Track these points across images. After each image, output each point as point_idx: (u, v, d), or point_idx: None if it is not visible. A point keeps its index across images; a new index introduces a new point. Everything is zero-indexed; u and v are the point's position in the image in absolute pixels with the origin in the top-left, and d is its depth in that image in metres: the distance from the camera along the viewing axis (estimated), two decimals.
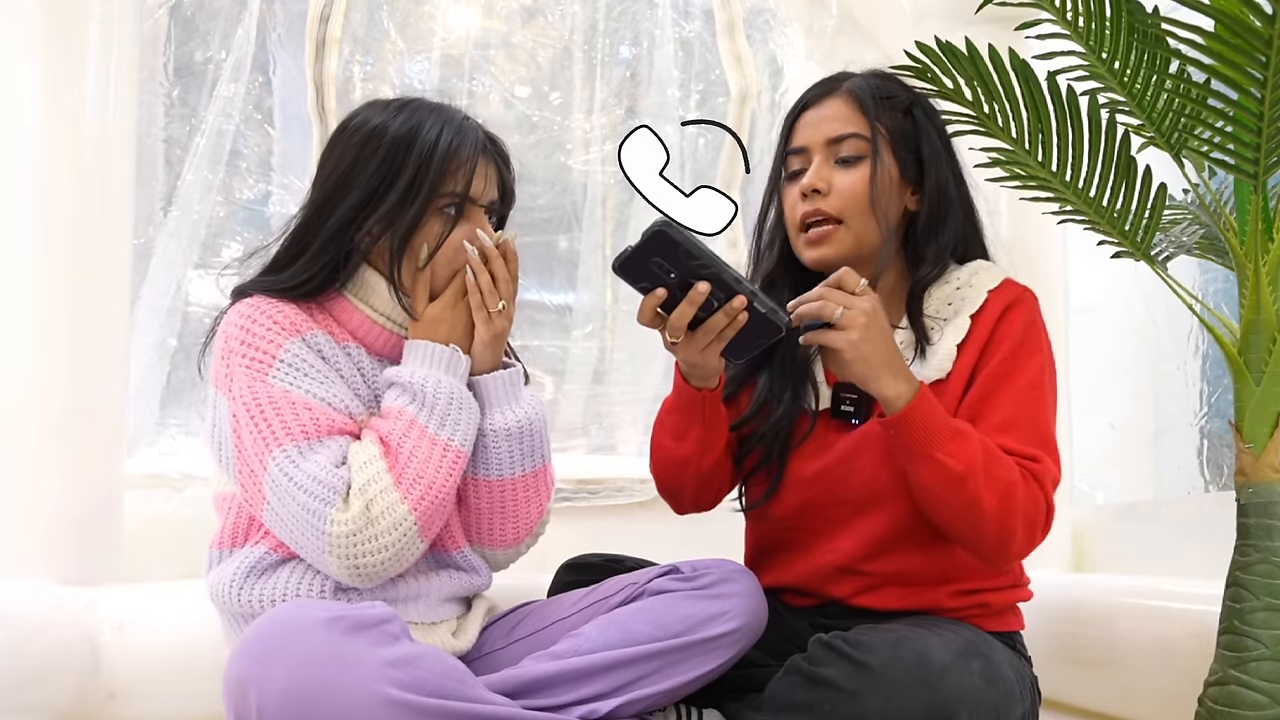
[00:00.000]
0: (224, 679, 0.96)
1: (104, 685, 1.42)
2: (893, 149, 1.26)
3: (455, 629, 1.25)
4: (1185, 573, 1.60)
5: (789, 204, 1.28)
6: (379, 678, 0.93)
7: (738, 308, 1.07)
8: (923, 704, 1.00)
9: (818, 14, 2.40)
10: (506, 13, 2.43)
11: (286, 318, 1.15)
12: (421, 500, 1.11)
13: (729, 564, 1.21)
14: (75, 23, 1.56)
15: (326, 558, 1.09)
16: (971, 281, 1.26)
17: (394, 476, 1.10)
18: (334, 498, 1.08)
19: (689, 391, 1.21)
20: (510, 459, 1.21)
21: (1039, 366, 1.21)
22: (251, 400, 1.11)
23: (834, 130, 1.25)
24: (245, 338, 1.13)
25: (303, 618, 0.96)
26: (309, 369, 1.13)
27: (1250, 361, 1.21)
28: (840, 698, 1.04)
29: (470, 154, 1.16)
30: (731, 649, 1.17)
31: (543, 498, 1.27)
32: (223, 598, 1.17)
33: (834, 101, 1.27)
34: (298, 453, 1.09)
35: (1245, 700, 1.12)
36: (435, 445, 1.13)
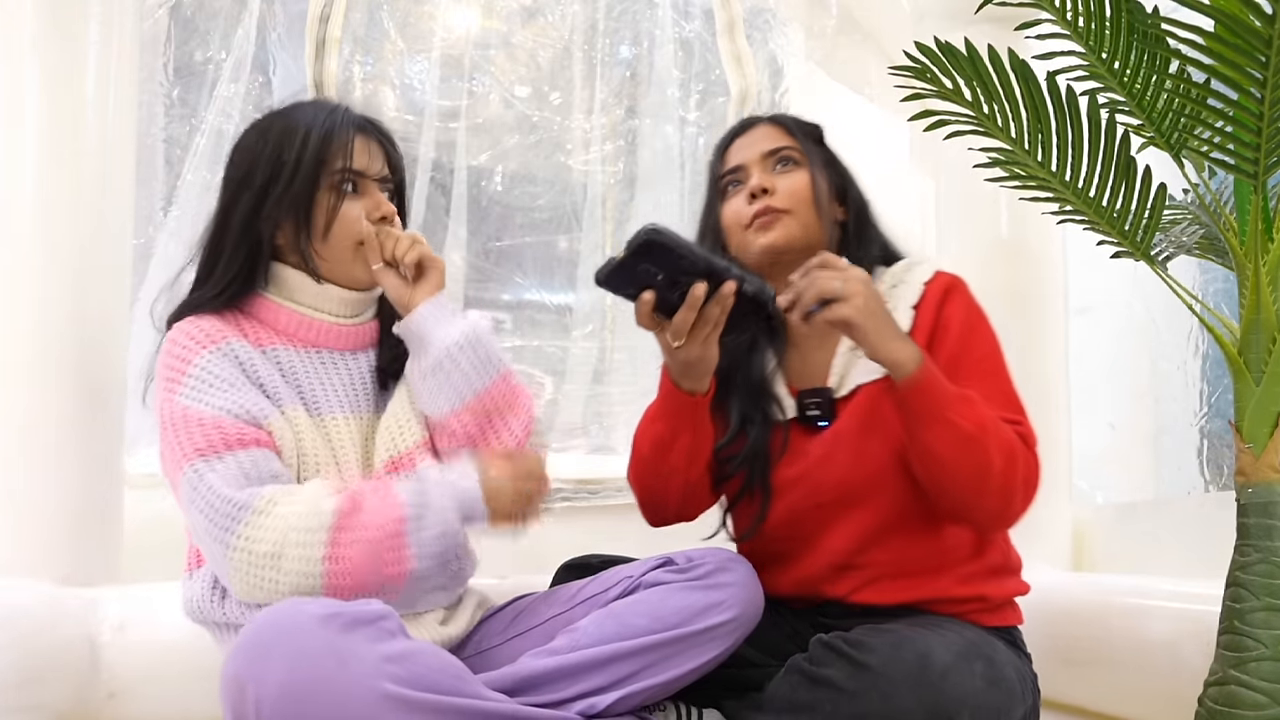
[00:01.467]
0: (221, 676, 0.96)
1: (104, 685, 1.42)
2: (820, 164, 1.33)
3: (443, 618, 1.25)
4: (1185, 573, 1.60)
5: (732, 213, 1.33)
6: (376, 673, 0.94)
7: (727, 293, 1.08)
8: (924, 705, 1.00)
9: (818, 14, 2.40)
10: (506, 13, 2.43)
11: (201, 330, 1.17)
12: (338, 579, 1.08)
13: (723, 553, 1.21)
14: (75, 23, 1.56)
15: (228, 571, 1.08)
16: (905, 277, 1.30)
17: (329, 543, 1.08)
18: (231, 524, 1.07)
19: (680, 397, 1.22)
20: (476, 371, 1.20)
21: (990, 340, 1.26)
22: (164, 419, 1.14)
23: (769, 145, 1.32)
24: (164, 359, 1.17)
25: (299, 614, 0.96)
26: (216, 381, 1.14)
27: (1250, 361, 1.21)
28: (841, 698, 1.04)
29: (346, 131, 1.19)
30: (729, 638, 1.17)
31: (524, 400, 1.23)
32: (202, 612, 1.17)
33: (762, 127, 1.36)
34: (204, 468, 1.10)
35: (1245, 700, 1.12)
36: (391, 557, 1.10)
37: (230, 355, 1.16)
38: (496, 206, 2.41)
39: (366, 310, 1.27)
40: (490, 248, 2.39)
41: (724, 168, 1.36)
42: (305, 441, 1.17)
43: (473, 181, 2.37)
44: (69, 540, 1.51)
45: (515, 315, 2.47)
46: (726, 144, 1.37)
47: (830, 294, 1.11)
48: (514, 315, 2.47)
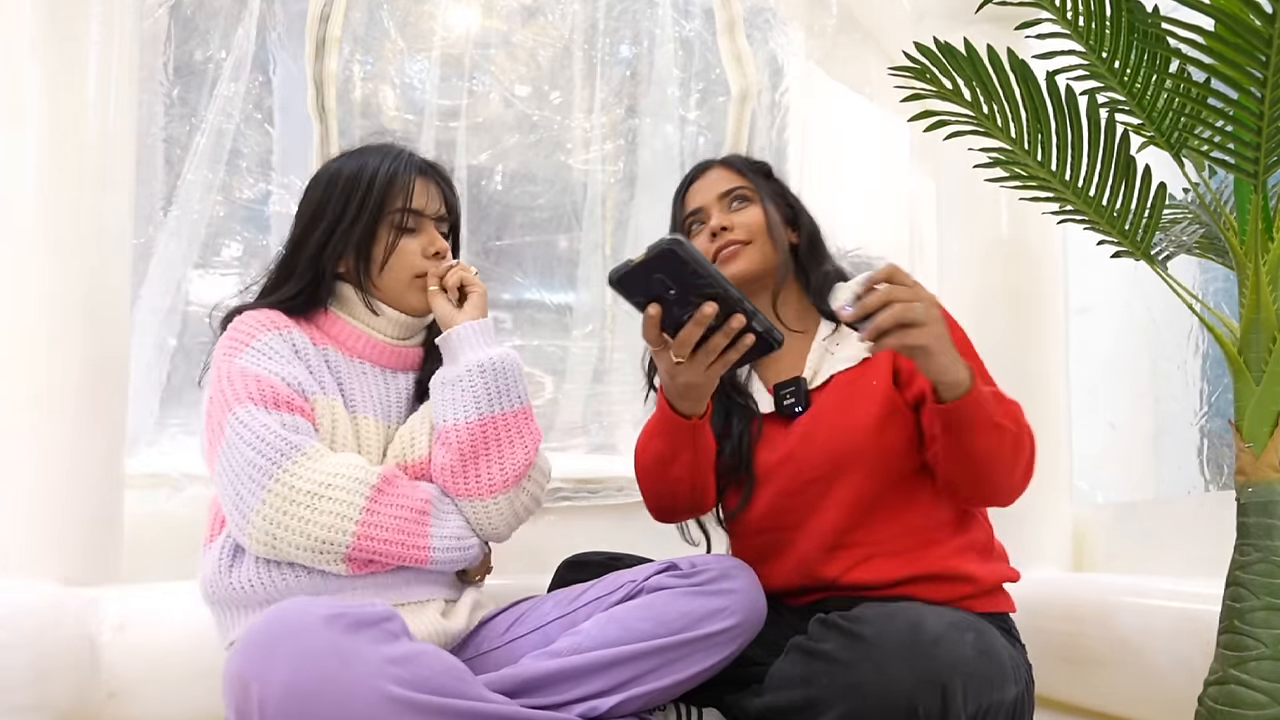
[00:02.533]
0: (224, 675, 0.96)
1: (104, 685, 1.42)
2: (770, 197, 1.43)
3: (444, 610, 1.26)
4: (1185, 572, 1.61)
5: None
6: (380, 675, 0.94)
7: (736, 327, 1.10)
8: (916, 672, 1.02)
9: (818, 13, 2.40)
10: (506, 12, 2.43)
11: (269, 317, 1.28)
12: (367, 540, 1.17)
13: (727, 560, 1.21)
14: (75, 23, 1.56)
15: (256, 509, 1.14)
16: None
17: (370, 498, 1.18)
18: (280, 458, 1.15)
19: (676, 419, 1.25)
20: (489, 396, 1.26)
21: (959, 329, 1.32)
22: (219, 377, 1.22)
23: (723, 186, 1.43)
24: (228, 336, 1.26)
25: (304, 615, 0.96)
26: (274, 355, 1.24)
27: (1250, 361, 1.21)
28: (836, 669, 1.06)
29: (408, 175, 1.31)
30: (731, 644, 1.17)
31: (527, 442, 1.28)
32: (211, 585, 1.20)
33: (715, 170, 1.47)
34: (256, 410, 1.18)
35: (1245, 700, 1.13)
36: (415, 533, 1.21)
37: (289, 341, 1.26)
38: (496, 206, 2.41)
39: (416, 335, 1.37)
40: (490, 247, 2.39)
41: (685, 211, 1.46)
42: (339, 430, 1.26)
43: (473, 181, 2.37)
44: (69, 540, 1.51)
45: (515, 315, 2.47)
46: (684, 189, 1.48)
47: (909, 320, 1.09)
48: (514, 315, 2.47)
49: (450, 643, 1.24)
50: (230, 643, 1.23)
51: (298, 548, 1.15)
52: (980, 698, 1.07)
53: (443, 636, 1.22)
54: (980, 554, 1.33)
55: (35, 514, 1.49)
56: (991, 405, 1.17)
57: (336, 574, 1.18)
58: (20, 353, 1.51)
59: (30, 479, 1.49)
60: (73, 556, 1.51)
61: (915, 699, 1.02)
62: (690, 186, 1.48)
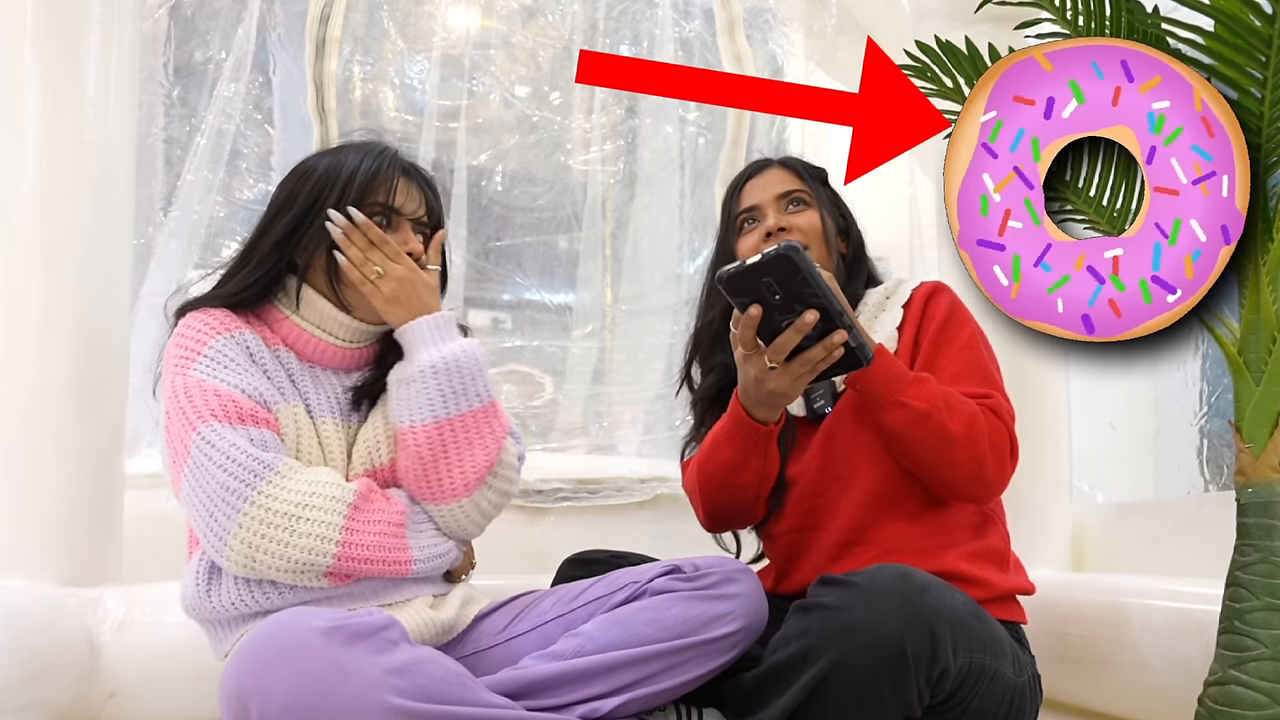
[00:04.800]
0: (221, 691, 0.95)
1: (104, 685, 1.42)
2: (826, 204, 1.44)
3: (432, 603, 1.25)
4: (1185, 572, 1.60)
5: (750, 248, 1.41)
6: (380, 687, 0.93)
7: (837, 342, 1.12)
8: (904, 614, 1.05)
9: (817, 13, 2.40)
10: (506, 12, 2.43)
11: (217, 319, 1.22)
12: (348, 559, 1.14)
13: (731, 563, 1.20)
14: (75, 23, 1.56)
15: (232, 531, 1.10)
16: (897, 289, 1.44)
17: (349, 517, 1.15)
18: (254, 480, 1.11)
19: (751, 425, 1.25)
20: (443, 398, 1.20)
21: (970, 331, 1.36)
22: (175, 392, 1.18)
23: (782, 188, 1.43)
24: (176, 343, 1.22)
25: (300, 628, 0.95)
26: (230, 362, 1.19)
27: (1250, 361, 1.21)
28: (829, 614, 1.09)
29: (390, 172, 1.25)
30: (733, 649, 1.17)
31: (488, 442, 1.22)
32: (191, 604, 1.18)
33: (774, 170, 1.46)
34: (222, 429, 1.13)
35: (1245, 700, 1.12)
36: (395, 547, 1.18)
37: (242, 344, 1.21)
38: (496, 206, 2.41)
39: (367, 340, 1.30)
40: (490, 247, 2.39)
41: (739, 207, 1.45)
42: (303, 437, 1.22)
43: (473, 181, 2.37)
44: (69, 540, 1.51)
45: (515, 315, 2.47)
46: (740, 184, 1.47)
47: None
48: (514, 315, 2.47)
49: (442, 634, 1.24)
50: (225, 654, 1.21)
51: (278, 570, 1.12)
52: (971, 653, 1.10)
53: (433, 627, 1.21)
54: (996, 563, 1.33)
55: (35, 514, 1.49)
56: (898, 387, 1.24)
57: (320, 587, 1.16)
58: (20, 353, 1.51)
59: (30, 479, 1.49)
60: (73, 556, 1.51)
61: (904, 640, 1.04)
62: (747, 183, 1.46)
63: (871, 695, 1.06)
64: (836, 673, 1.07)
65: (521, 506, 1.98)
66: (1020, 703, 1.20)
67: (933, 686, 1.08)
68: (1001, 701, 1.17)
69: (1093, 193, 1.30)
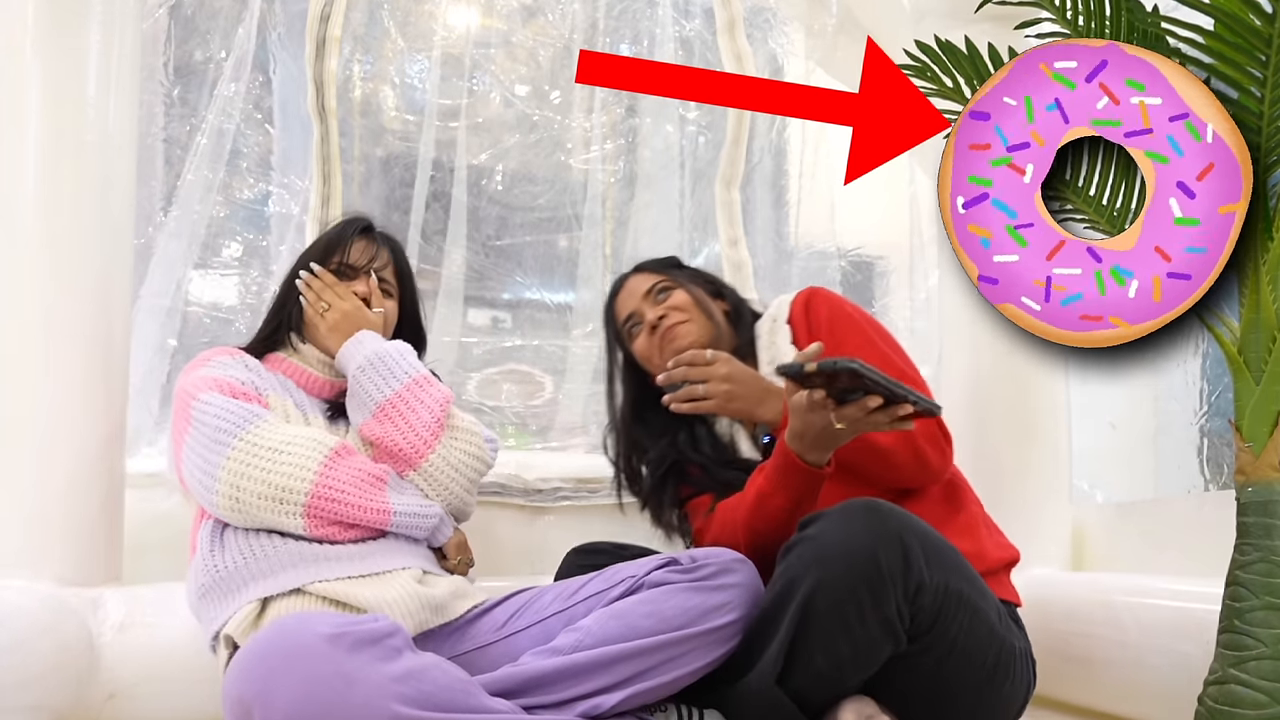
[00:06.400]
0: (224, 696, 0.95)
1: (104, 685, 1.42)
2: (688, 281, 1.58)
3: (419, 578, 1.28)
4: (1185, 571, 1.60)
5: (642, 348, 1.55)
6: (385, 694, 0.93)
7: (903, 414, 1.17)
8: (873, 528, 1.11)
9: (818, 12, 2.40)
10: (507, 11, 2.43)
11: (222, 349, 1.46)
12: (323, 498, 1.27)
13: (727, 554, 1.21)
14: (75, 23, 1.56)
15: (219, 474, 1.25)
16: (777, 311, 1.53)
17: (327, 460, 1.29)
18: (244, 423, 1.29)
19: (805, 470, 1.27)
20: (376, 387, 1.39)
21: (858, 329, 1.45)
22: (181, 388, 1.37)
23: (645, 287, 1.57)
24: (189, 363, 1.43)
25: (305, 633, 0.95)
26: (232, 366, 1.40)
27: (1250, 360, 1.21)
28: (805, 546, 1.15)
29: (347, 234, 1.52)
30: (733, 639, 1.17)
31: (430, 404, 1.39)
32: (201, 572, 1.28)
33: (631, 279, 1.61)
34: (217, 396, 1.32)
35: (1245, 699, 1.13)
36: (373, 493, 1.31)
37: (242, 363, 1.43)
38: (496, 205, 2.41)
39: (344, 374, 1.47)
40: (490, 246, 2.39)
41: (619, 321, 1.60)
42: (291, 423, 1.37)
43: (473, 180, 2.37)
44: (69, 540, 1.51)
45: (515, 314, 2.47)
46: (611, 304, 1.62)
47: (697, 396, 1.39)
48: (514, 314, 2.47)
49: (433, 612, 1.25)
50: (215, 634, 1.24)
51: (260, 496, 1.24)
52: (946, 574, 1.14)
53: (419, 599, 1.23)
54: (976, 531, 1.39)
55: (35, 514, 1.49)
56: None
57: (305, 537, 1.26)
58: (20, 352, 1.51)
59: (30, 479, 1.49)
60: (73, 556, 1.51)
61: (876, 551, 1.09)
62: (616, 300, 1.61)
63: (854, 613, 1.10)
64: (818, 595, 1.11)
65: (521, 506, 1.98)
66: (1008, 659, 1.22)
67: (911, 602, 1.11)
68: (989, 647, 1.18)
69: (1093, 192, 1.30)
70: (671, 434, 1.53)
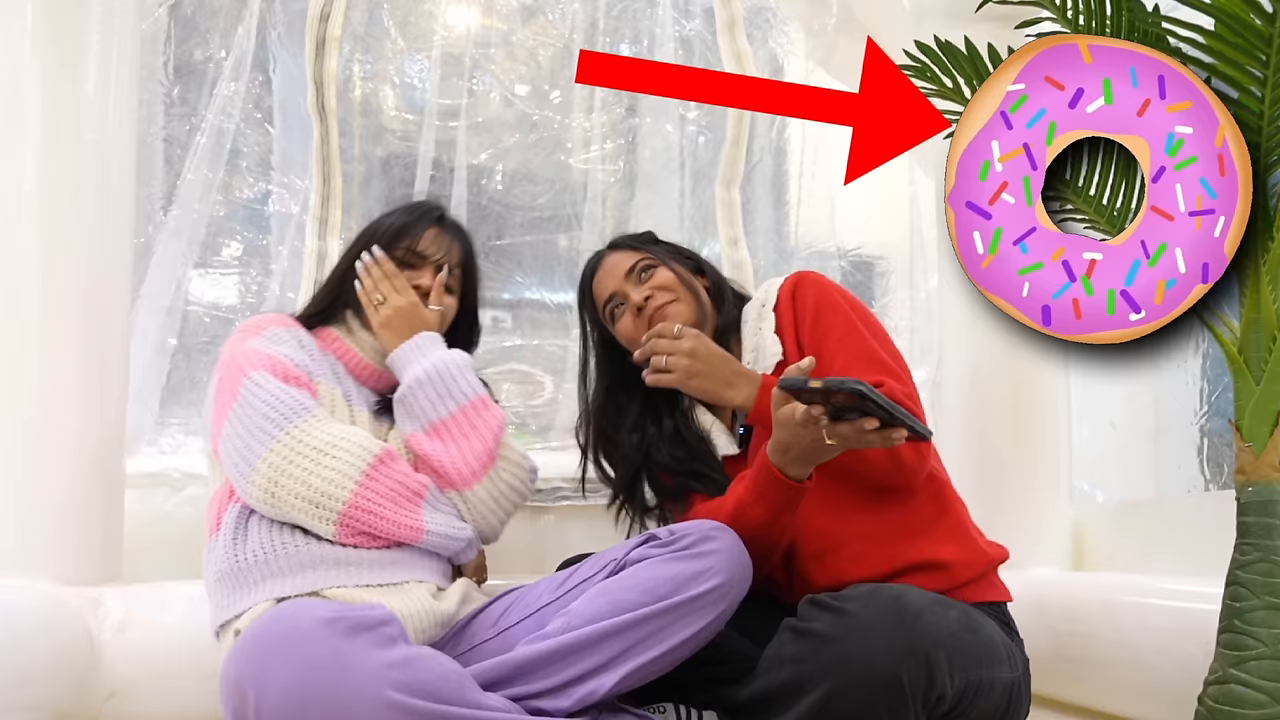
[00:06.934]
0: (222, 678, 0.96)
1: (103, 684, 1.43)
2: (668, 257, 1.52)
3: (435, 592, 1.28)
4: (1185, 571, 1.60)
5: (628, 330, 1.48)
6: (379, 680, 0.94)
7: (897, 438, 1.12)
8: (899, 644, 1.05)
9: (818, 12, 2.40)
10: (506, 11, 2.43)
11: (278, 317, 1.42)
12: (359, 509, 1.23)
13: (706, 523, 1.22)
14: (75, 23, 1.56)
15: (259, 464, 1.22)
16: (765, 296, 1.48)
17: (371, 466, 1.26)
18: (292, 415, 1.24)
19: (784, 483, 1.24)
20: (432, 404, 1.35)
21: (844, 317, 1.39)
22: (231, 356, 1.33)
23: (625, 265, 1.50)
24: (242, 327, 1.39)
25: (304, 618, 0.96)
26: (284, 343, 1.36)
27: (1250, 360, 1.21)
28: (823, 644, 1.08)
29: (420, 224, 1.46)
30: (720, 604, 1.18)
31: (483, 432, 1.36)
32: (220, 561, 1.26)
33: (610, 256, 1.54)
34: (269, 378, 1.28)
35: (1245, 699, 1.13)
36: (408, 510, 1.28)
37: (296, 337, 1.39)
38: (496, 205, 2.41)
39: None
40: (490, 246, 2.39)
41: (600, 302, 1.53)
42: (338, 414, 1.34)
43: (473, 180, 2.37)
44: (69, 540, 1.51)
45: (515, 314, 2.46)
46: (588, 282, 1.55)
47: (658, 369, 1.36)
48: (514, 314, 2.47)
49: (441, 625, 1.26)
50: (220, 624, 1.25)
51: (297, 496, 1.21)
52: (967, 672, 1.10)
53: (433, 616, 1.24)
54: (964, 535, 1.36)
55: (35, 514, 1.49)
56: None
57: (330, 540, 1.23)
58: (20, 352, 1.51)
59: (30, 479, 1.49)
60: (73, 556, 1.51)
61: (900, 670, 1.04)
62: (594, 279, 1.54)
63: None
64: (833, 702, 1.07)
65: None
66: (1017, 693, 1.22)
67: (930, 710, 1.09)
68: (1000, 702, 1.17)
69: (1093, 192, 1.30)
70: (642, 429, 1.49)
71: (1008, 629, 1.31)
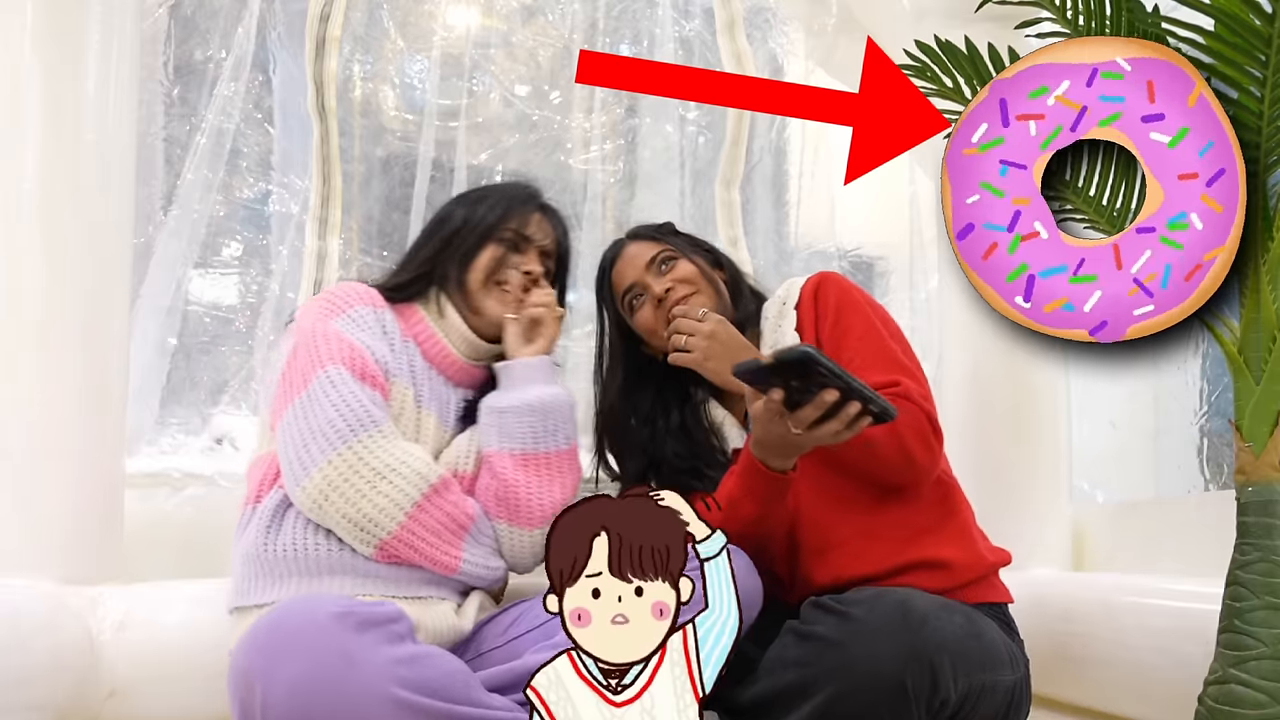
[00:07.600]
0: (230, 670, 0.96)
1: (104, 684, 1.42)
2: (688, 249, 1.51)
3: (455, 609, 1.28)
4: (1185, 571, 1.60)
5: (648, 321, 1.48)
6: (386, 676, 0.94)
7: (852, 414, 1.12)
8: (903, 649, 1.05)
9: (818, 12, 2.40)
10: (506, 11, 2.43)
11: (370, 293, 1.36)
12: (402, 541, 1.21)
13: None
14: (75, 22, 1.56)
15: (314, 471, 1.17)
16: (788, 292, 1.47)
17: (424, 495, 1.22)
18: (359, 427, 1.20)
19: (768, 475, 1.24)
20: (534, 434, 1.32)
21: (865, 318, 1.40)
22: (312, 333, 1.27)
23: (646, 256, 1.49)
24: (327, 295, 1.35)
25: (313, 612, 0.96)
26: (368, 327, 1.30)
27: (1250, 360, 1.21)
28: (827, 649, 1.09)
29: (526, 207, 1.43)
30: None
31: (566, 481, 1.33)
32: (251, 545, 1.23)
33: (630, 246, 1.53)
34: (347, 375, 1.23)
35: (1245, 699, 1.13)
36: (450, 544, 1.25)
37: (380, 320, 1.34)
38: None
39: (482, 359, 1.41)
40: None
41: (619, 291, 1.51)
42: (404, 417, 1.31)
43: (473, 180, 2.36)
44: (69, 540, 1.51)
45: None
46: (607, 271, 1.54)
47: (677, 348, 1.38)
48: None
49: (457, 640, 1.26)
50: (237, 606, 1.25)
51: (343, 516, 1.19)
52: (971, 677, 1.10)
53: (454, 633, 1.24)
54: (968, 537, 1.36)
55: (35, 514, 1.49)
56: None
57: (364, 556, 1.21)
58: (20, 352, 1.51)
59: (30, 479, 1.49)
60: (73, 556, 1.51)
61: (904, 675, 1.04)
62: (613, 268, 1.53)
63: None
64: (836, 706, 1.07)
65: None
66: (1019, 695, 1.22)
67: (933, 715, 1.09)
68: (1001, 704, 1.18)
69: (1093, 192, 1.30)
70: (652, 422, 1.49)
71: (1009, 630, 1.32)
